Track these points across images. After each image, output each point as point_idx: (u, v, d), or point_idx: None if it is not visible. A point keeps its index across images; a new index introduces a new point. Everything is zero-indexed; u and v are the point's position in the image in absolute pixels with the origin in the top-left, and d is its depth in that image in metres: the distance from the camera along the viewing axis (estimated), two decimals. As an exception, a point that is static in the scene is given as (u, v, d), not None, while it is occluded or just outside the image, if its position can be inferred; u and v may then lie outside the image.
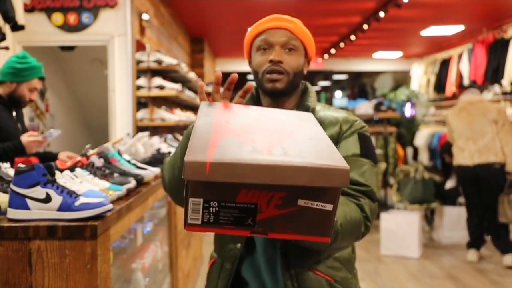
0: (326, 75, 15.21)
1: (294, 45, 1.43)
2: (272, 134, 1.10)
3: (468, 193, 4.80)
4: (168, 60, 4.80)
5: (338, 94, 16.54)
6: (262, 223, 0.99)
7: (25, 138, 2.66)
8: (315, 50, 1.53)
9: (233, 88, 1.40)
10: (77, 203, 1.51)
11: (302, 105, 1.48)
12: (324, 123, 1.42)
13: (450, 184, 5.65)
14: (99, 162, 2.11)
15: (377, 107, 7.94)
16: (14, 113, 2.86)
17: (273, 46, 1.42)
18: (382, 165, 7.50)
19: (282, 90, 1.41)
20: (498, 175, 4.58)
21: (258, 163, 0.95)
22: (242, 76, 1.33)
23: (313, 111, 1.46)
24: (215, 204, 0.98)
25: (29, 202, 1.50)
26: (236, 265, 1.46)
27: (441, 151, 5.27)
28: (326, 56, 10.77)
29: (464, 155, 4.68)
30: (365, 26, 7.23)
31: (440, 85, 8.74)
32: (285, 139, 1.08)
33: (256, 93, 1.53)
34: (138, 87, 4.72)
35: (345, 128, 1.43)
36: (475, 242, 4.80)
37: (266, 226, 0.99)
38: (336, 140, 1.41)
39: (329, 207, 0.99)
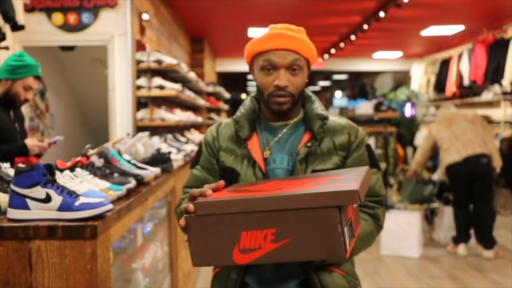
0: (326, 75, 15.22)
1: (299, 65, 1.42)
2: (276, 186, 1.20)
3: (458, 188, 4.90)
4: (168, 60, 4.79)
5: (338, 94, 16.53)
6: (266, 257, 1.08)
7: (30, 141, 2.68)
8: (316, 58, 1.52)
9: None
10: (77, 203, 1.51)
11: (312, 114, 1.48)
12: (334, 131, 1.47)
13: (437, 176, 5.75)
14: (99, 162, 2.11)
15: (377, 107, 7.94)
16: (12, 114, 2.86)
17: (277, 68, 1.41)
18: (382, 165, 7.50)
19: (288, 110, 1.44)
20: (487, 168, 4.78)
21: (247, 197, 1.09)
22: (242, 76, 1.32)
23: (327, 118, 1.48)
24: None
25: (29, 202, 1.50)
26: (242, 275, 1.46)
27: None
28: (326, 56, 10.77)
29: (451, 153, 4.81)
30: (365, 26, 7.23)
31: (440, 85, 8.74)
32: (289, 187, 1.17)
33: (255, 101, 1.56)
34: (138, 87, 4.72)
35: (353, 138, 1.47)
36: (464, 237, 4.93)
37: (272, 259, 1.09)
38: (347, 148, 1.46)
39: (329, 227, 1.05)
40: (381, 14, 6.46)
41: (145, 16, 4.92)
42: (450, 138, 4.85)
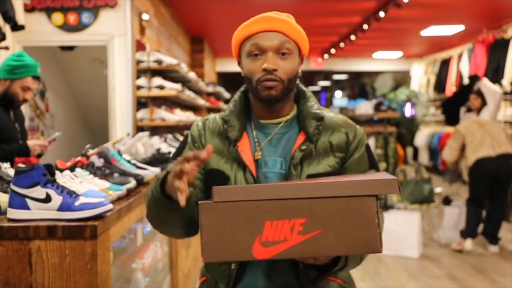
0: (326, 75, 15.22)
1: (288, 49, 1.31)
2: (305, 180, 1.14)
3: (482, 184, 4.92)
4: (168, 60, 4.79)
5: (338, 94, 16.53)
6: (291, 250, 0.99)
7: (31, 141, 2.68)
8: (309, 48, 1.42)
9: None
10: (77, 203, 1.51)
11: (307, 113, 1.37)
12: (331, 130, 1.37)
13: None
14: (99, 162, 2.11)
15: (377, 107, 7.93)
16: (12, 114, 2.86)
17: (265, 51, 1.30)
18: (382, 165, 7.49)
19: (278, 97, 1.31)
20: None
21: (275, 184, 1.03)
22: (242, 76, 1.31)
23: (323, 118, 1.36)
24: None
25: (29, 202, 1.50)
26: (232, 286, 1.34)
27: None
28: (326, 56, 10.77)
29: (485, 146, 4.85)
30: (365, 26, 7.24)
31: (440, 85, 8.75)
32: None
33: (244, 98, 1.42)
34: (138, 87, 4.72)
35: (351, 137, 1.37)
36: (473, 232, 4.97)
37: (297, 253, 1.00)
38: (345, 149, 1.36)
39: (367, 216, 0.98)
40: (381, 14, 6.46)
41: (145, 16, 4.92)
42: (484, 134, 4.89)
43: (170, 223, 1.32)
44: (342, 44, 9.01)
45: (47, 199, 1.50)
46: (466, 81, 7.59)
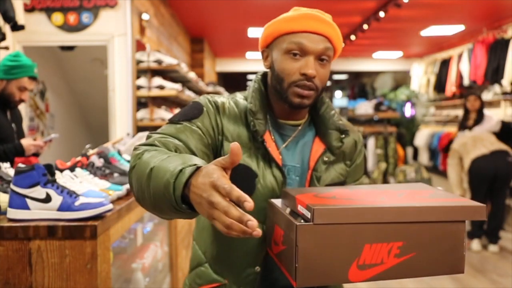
0: (326, 75, 15.21)
1: (328, 56, 1.22)
2: (374, 195, 1.09)
3: (481, 183, 4.97)
4: (168, 60, 4.79)
5: (338, 94, 16.52)
6: (386, 273, 0.99)
7: (25, 141, 2.67)
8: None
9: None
10: (77, 203, 1.51)
11: (329, 123, 1.29)
12: (347, 136, 1.32)
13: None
14: (99, 162, 2.11)
15: (377, 107, 7.95)
16: (9, 114, 2.85)
17: (307, 54, 1.19)
18: (382, 165, 7.49)
19: (308, 106, 1.23)
20: (511, 167, 4.94)
21: (376, 206, 0.98)
22: (242, 76, 1.30)
23: (347, 132, 1.31)
24: None
25: (29, 202, 1.50)
26: None
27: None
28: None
29: (478, 147, 4.95)
30: (365, 26, 7.24)
31: (440, 85, 8.74)
32: (391, 197, 1.08)
33: (264, 90, 1.30)
34: (138, 87, 4.72)
35: (358, 144, 1.36)
36: (478, 232, 5.05)
37: (391, 275, 1.00)
38: (352, 157, 1.35)
39: (457, 242, 1.02)
40: (381, 14, 6.46)
41: (145, 16, 4.92)
42: (475, 140, 5.02)
43: (166, 214, 0.99)
44: (342, 44, 9.00)
45: (47, 199, 1.50)
46: (466, 81, 7.59)
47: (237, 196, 0.77)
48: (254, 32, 7.97)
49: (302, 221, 0.97)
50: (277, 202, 1.17)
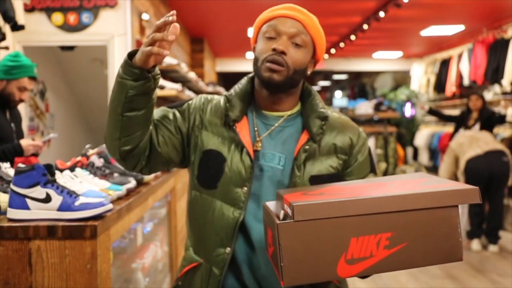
0: (326, 75, 15.21)
1: (303, 40, 1.29)
2: (363, 188, 1.07)
3: (477, 184, 4.90)
4: (168, 60, 4.79)
5: (338, 94, 16.53)
6: (377, 266, 0.97)
7: (24, 141, 2.67)
8: (324, 52, 1.41)
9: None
10: (77, 203, 1.51)
11: (311, 111, 1.34)
12: (336, 130, 1.35)
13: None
14: (99, 162, 2.11)
15: (377, 107, 7.95)
16: (8, 114, 2.85)
17: (280, 35, 1.28)
18: (382, 165, 7.49)
19: (279, 83, 1.28)
20: (507, 168, 4.96)
21: (359, 198, 0.96)
22: (242, 76, 1.30)
23: (327, 118, 1.34)
24: None
25: (29, 202, 1.50)
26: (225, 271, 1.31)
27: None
28: (326, 56, 10.77)
29: (473, 148, 4.96)
30: (365, 26, 7.24)
31: (440, 85, 8.74)
32: (380, 188, 1.05)
33: (251, 83, 1.39)
34: (138, 87, 4.71)
35: (355, 140, 1.36)
36: (477, 232, 5.06)
37: (382, 268, 0.98)
38: (349, 152, 1.35)
39: (451, 226, 0.99)
40: (381, 14, 6.46)
41: (145, 16, 4.92)
42: (471, 140, 5.03)
43: (130, 130, 1.27)
44: (342, 44, 9.00)
45: (47, 199, 1.50)
46: (466, 81, 7.59)
47: (160, 22, 1.12)
48: (254, 32, 7.97)
49: (287, 220, 0.95)
50: (270, 204, 1.16)
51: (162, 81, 4.80)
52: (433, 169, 8.35)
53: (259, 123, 1.36)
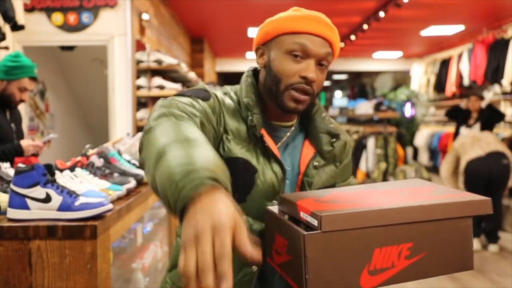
0: (326, 75, 15.24)
1: (328, 62, 1.18)
2: (377, 195, 1.05)
3: (476, 186, 4.97)
4: (168, 60, 4.80)
5: (338, 94, 16.53)
6: (397, 276, 0.96)
7: (24, 142, 2.67)
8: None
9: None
10: (77, 203, 1.51)
11: (320, 126, 1.26)
12: (338, 140, 1.30)
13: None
14: (99, 162, 2.11)
15: (377, 107, 7.94)
16: (8, 114, 2.85)
17: (309, 57, 1.14)
18: (382, 165, 7.49)
19: (300, 111, 1.19)
20: (507, 170, 4.96)
21: (381, 208, 0.94)
22: (242, 76, 1.28)
23: (338, 136, 1.27)
24: None
25: (29, 202, 1.50)
26: None
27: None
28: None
29: (474, 149, 4.97)
30: (365, 26, 7.24)
31: (440, 85, 8.74)
32: (395, 196, 1.04)
33: (256, 85, 1.25)
34: (138, 87, 4.72)
35: (348, 145, 1.34)
36: (476, 231, 5.09)
37: (402, 278, 0.97)
38: (342, 159, 1.32)
39: (464, 237, 1.01)
40: (381, 14, 6.46)
41: (145, 16, 4.92)
42: (473, 141, 5.05)
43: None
44: (342, 44, 9.01)
45: (47, 199, 1.50)
46: (466, 81, 7.59)
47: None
48: (254, 32, 7.97)
49: (307, 229, 0.92)
50: (274, 209, 1.13)
51: (162, 81, 4.80)
52: (433, 169, 8.35)
53: (270, 134, 1.25)
